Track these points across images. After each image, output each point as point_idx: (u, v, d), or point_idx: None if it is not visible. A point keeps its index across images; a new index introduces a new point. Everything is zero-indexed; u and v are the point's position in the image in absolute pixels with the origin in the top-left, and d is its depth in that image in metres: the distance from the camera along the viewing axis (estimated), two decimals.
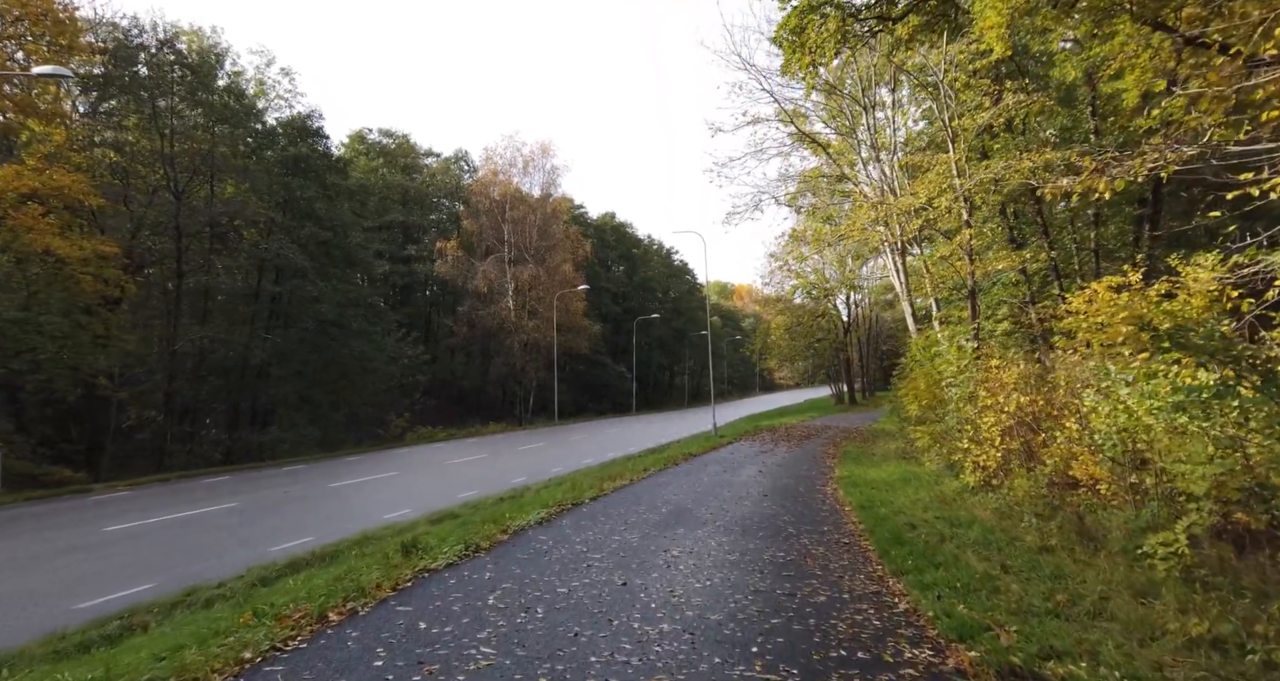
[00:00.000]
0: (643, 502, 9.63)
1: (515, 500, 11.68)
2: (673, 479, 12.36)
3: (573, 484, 11.59)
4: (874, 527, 7.87)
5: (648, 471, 13.11)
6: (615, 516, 8.62)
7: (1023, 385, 10.40)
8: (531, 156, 44.19)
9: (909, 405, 16.37)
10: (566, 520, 8.50)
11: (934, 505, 9.86)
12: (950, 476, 12.10)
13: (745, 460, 16.29)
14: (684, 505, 9.42)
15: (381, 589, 5.59)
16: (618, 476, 12.23)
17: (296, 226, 23.73)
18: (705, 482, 11.86)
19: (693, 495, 10.32)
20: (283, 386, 23.75)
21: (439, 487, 14.78)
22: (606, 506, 9.30)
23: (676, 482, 11.83)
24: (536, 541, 7.45)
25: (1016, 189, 22.93)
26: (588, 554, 6.79)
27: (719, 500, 9.86)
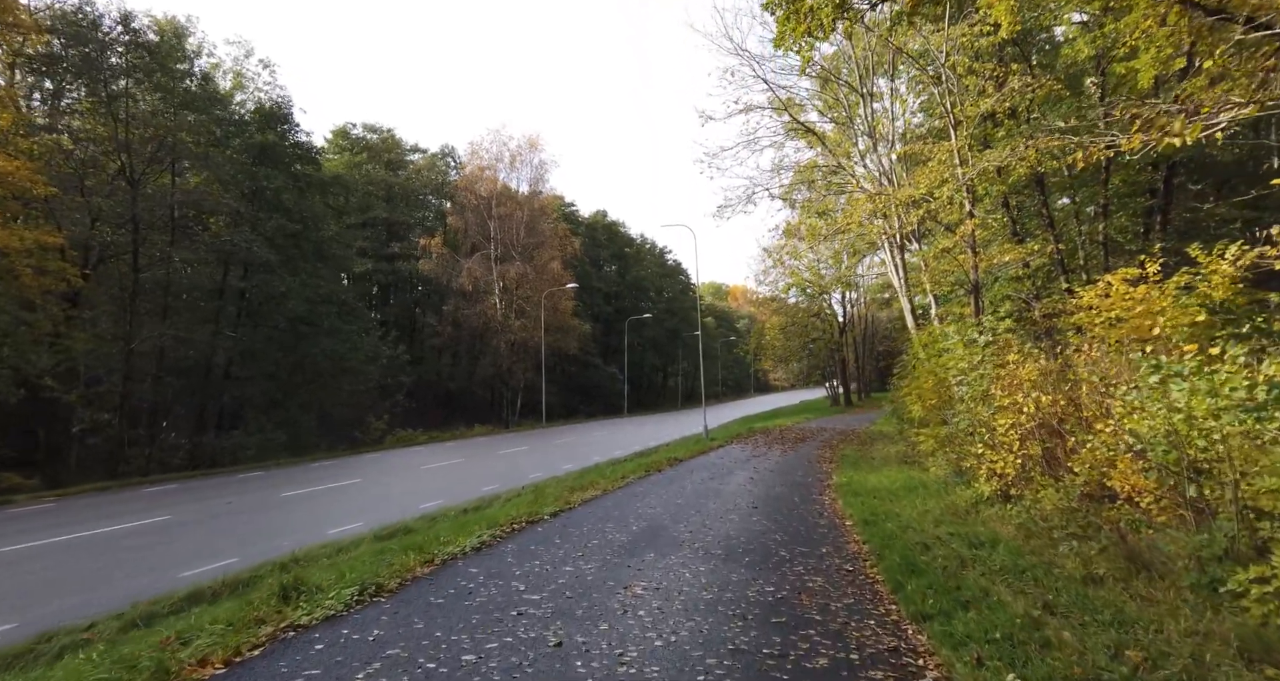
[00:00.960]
0: (612, 518, 8.45)
1: (478, 511, 10.49)
2: (652, 488, 11.16)
3: (536, 495, 10.36)
4: (881, 549, 6.69)
5: (625, 479, 11.89)
6: (574, 538, 7.41)
7: (1043, 382, 9.25)
8: (519, 151, 42.99)
9: (911, 406, 15.23)
10: (512, 545, 7.20)
11: (946, 519, 8.70)
12: (960, 484, 10.95)
13: (736, 465, 15.12)
14: (660, 521, 8.23)
15: (209, 664, 4.11)
16: (590, 485, 11.01)
17: (263, 218, 22.40)
18: (689, 492, 10.66)
19: (672, 508, 9.12)
20: (249, 388, 22.43)
21: (402, 496, 13.56)
22: (568, 524, 8.10)
23: (656, 492, 10.63)
24: (464, 576, 6.07)
25: (1020, 180, 21.97)
26: (523, 595, 5.44)
27: (702, 514, 8.67)
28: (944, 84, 19.47)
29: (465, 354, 44.37)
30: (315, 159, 25.51)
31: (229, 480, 16.67)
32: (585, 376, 57.10)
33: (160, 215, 21.08)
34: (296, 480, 16.22)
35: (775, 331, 46.02)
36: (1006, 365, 9.48)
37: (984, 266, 20.07)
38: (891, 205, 21.28)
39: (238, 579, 7.07)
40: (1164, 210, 20.19)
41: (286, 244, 23.25)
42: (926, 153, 20.28)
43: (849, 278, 38.88)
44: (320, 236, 24.88)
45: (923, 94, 26.38)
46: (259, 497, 13.55)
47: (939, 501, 10.02)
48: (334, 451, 24.33)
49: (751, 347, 50.32)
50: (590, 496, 9.93)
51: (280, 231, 22.57)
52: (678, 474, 13.16)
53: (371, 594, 5.46)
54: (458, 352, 45.17)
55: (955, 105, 19.36)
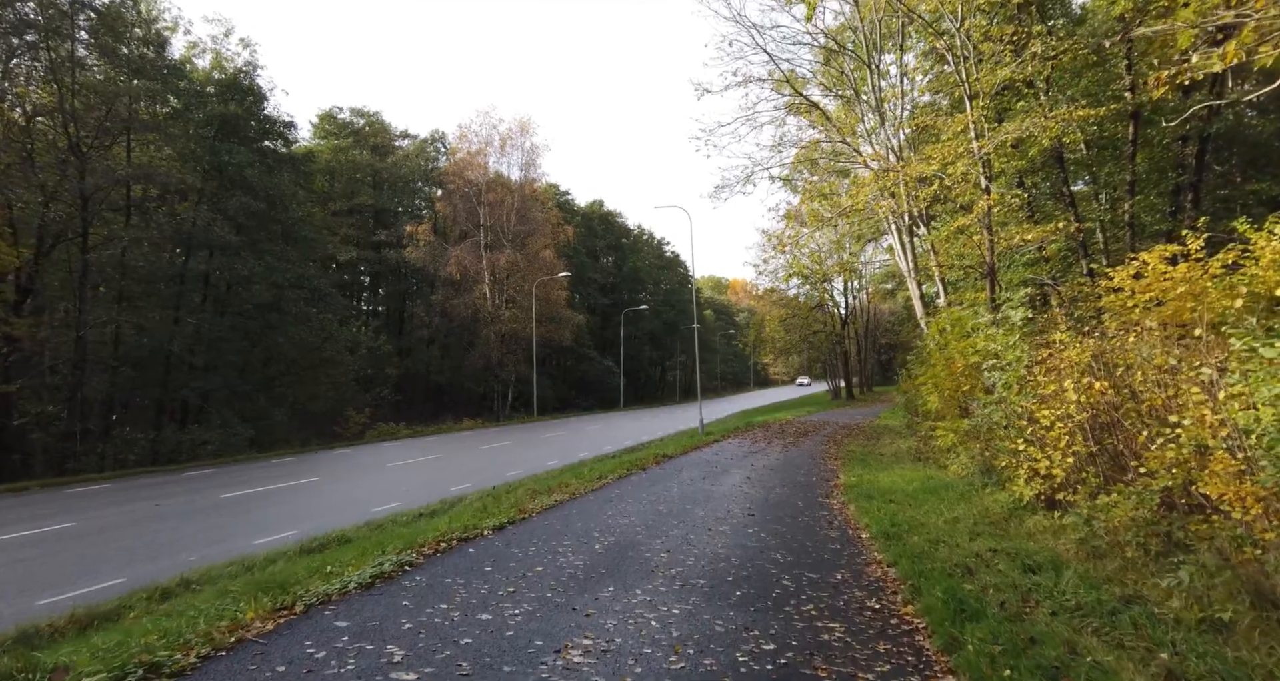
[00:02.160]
0: (572, 533, 6.92)
1: (432, 518, 8.99)
2: (632, 490, 9.65)
3: (492, 501, 8.80)
4: (913, 576, 5.17)
5: (602, 480, 10.35)
6: (513, 564, 5.69)
7: (1097, 367, 7.73)
8: (509, 134, 41.27)
9: (927, 397, 13.70)
10: (423, 576, 5.33)
11: (983, 530, 7.19)
12: (991, 486, 9.45)
13: (732, 463, 13.62)
14: (632, 536, 6.71)
15: None
16: (559, 487, 9.47)
17: (224, 195, 20.80)
18: (674, 496, 9.14)
19: (651, 517, 7.62)
20: (211, 379, 20.90)
21: (358, 498, 12.08)
22: (512, 542, 6.51)
23: (636, 496, 9.12)
24: (320, 635, 4.12)
25: (1038, 157, 20.56)
26: (391, 675, 3.55)
27: (686, 525, 7.15)
28: (958, 51, 17.98)
29: (454, 345, 42.83)
30: (284, 134, 23.94)
31: (174, 478, 15.17)
32: (580, 369, 55.60)
33: (115, 193, 19.51)
34: (248, 479, 14.73)
35: (775, 324, 44.49)
36: (1051, 345, 7.96)
37: (1001, 246, 18.55)
38: (901, 183, 19.79)
39: (93, 612, 5.55)
40: (1195, 187, 18.69)
41: (250, 224, 21.61)
42: (939, 127, 18.72)
43: (853, 264, 37.26)
44: (290, 217, 23.25)
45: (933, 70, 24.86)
46: (195, 499, 12.04)
47: (968, 507, 8.52)
48: (304, 447, 22.82)
49: (750, 340, 48.77)
50: (554, 502, 8.42)
51: (243, 210, 20.93)
52: (664, 473, 11.65)
53: (159, 674, 3.49)
54: (446, 344, 43.62)
55: (970, 74, 17.87)
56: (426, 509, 10.15)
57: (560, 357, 53.83)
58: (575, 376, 55.28)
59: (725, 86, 22.89)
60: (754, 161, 27.22)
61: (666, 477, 11.02)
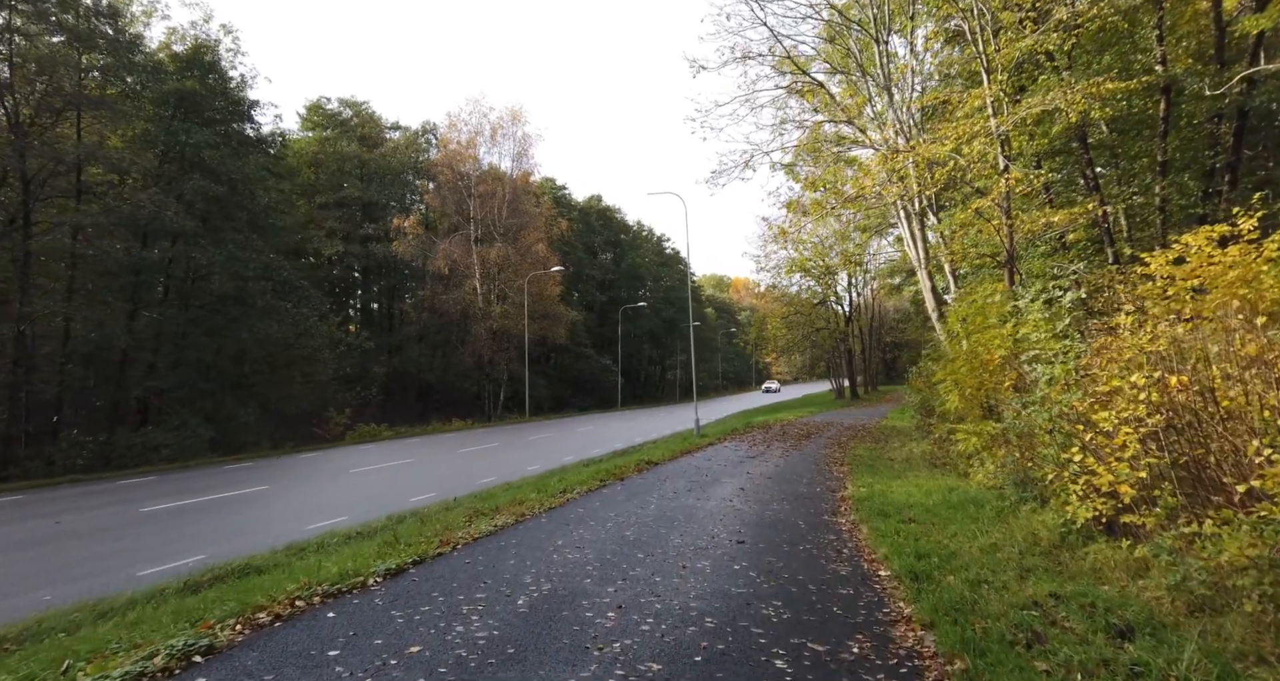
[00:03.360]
0: (496, 577, 5.23)
1: (346, 544, 7.50)
2: (600, 508, 8.11)
3: (402, 531, 7.13)
4: (961, 647, 3.64)
5: (566, 494, 8.76)
6: (384, 637, 3.94)
7: (1175, 358, 6.22)
8: (500, 123, 39.74)
9: (946, 395, 12.15)
10: (224, 670, 3.57)
11: (1035, 564, 5.66)
12: (1029, 501, 7.91)
13: (725, 470, 12.09)
14: (576, 581, 5.10)
15: None
16: (508, 507, 7.83)
17: (179, 178, 19.27)
18: (649, 516, 7.59)
19: (611, 548, 6.07)
20: (166, 377, 19.40)
21: (301, 510, 10.61)
22: (403, 595, 4.76)
23: (601, 516, 7.57)
24: None
25: (1058, 139, 19.08)
26: None
27: (654, 561, 5.60)
28: (975, 21, 16.54)
29: (443, 343, 41.33)
30: (251, 114, 22.44)
31: (107, 487, 13.70)
32: (577, 368, 54.06)
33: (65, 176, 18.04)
34: (189, 487, 13.25)
35: (777, 321, 42.94)
36: (1116, 330, 6.44)
37: (1023, 232, 17.00)
38: (910, 165, 18.27)
39: None
40: (1233, 168, 17.15)
41: (211, 210, 20.08)
42: (954, 103, 17.14)
43: (858, 256, 35.63)
44: (256, 204, 21.71)
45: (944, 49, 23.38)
46: (110, 514, 10.54)
47: (1006, 529, 7.01)
48: (270, 450, 21.36)
49: (751, 338, 47.21)
50: (494, 527, 6.86)
51: (201, 195, 19.41)
52: (645, 484, 10.11)
53: None
54: (436, 342, 42.13)
55: (988, 46, 16.46)
56: (367, 526, 8.66)
57: (557, 356, 52.35)
58: (572, 375, 53.75)
59: (723, 63, 21.38)
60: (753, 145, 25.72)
61: (646, 490, 9.48)
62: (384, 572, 4.99)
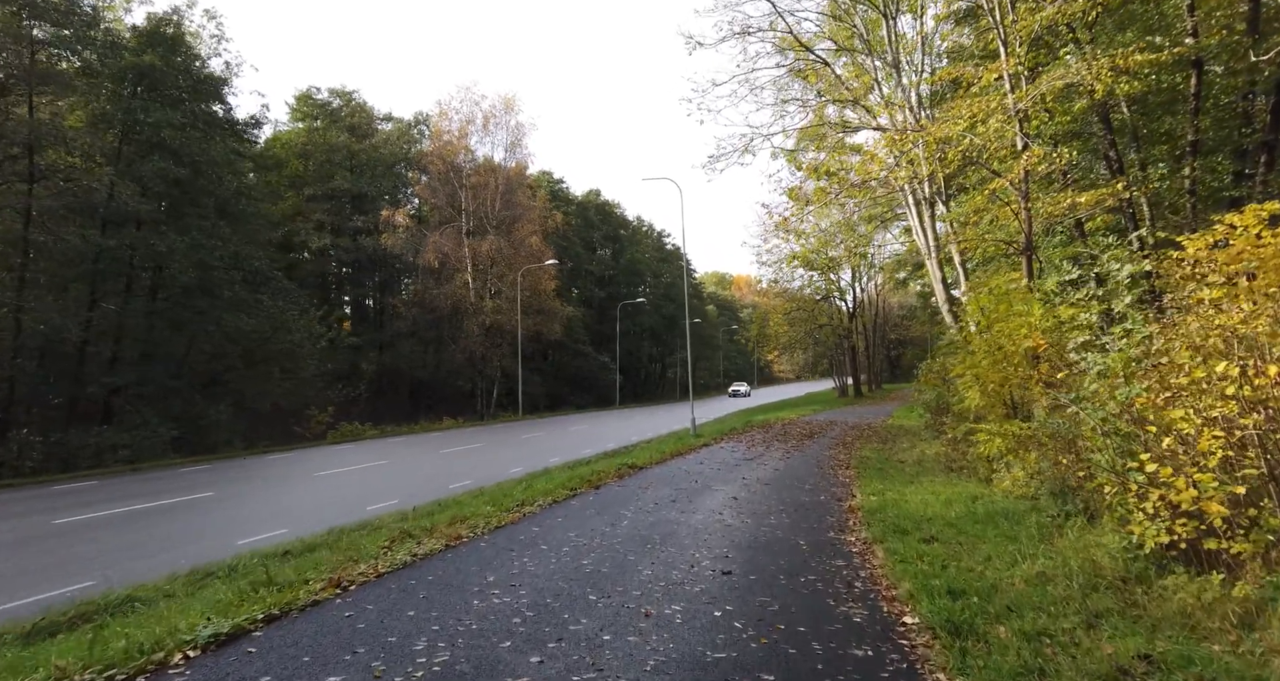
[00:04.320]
0: (385, 634, 3.87)
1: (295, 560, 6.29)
2: (560, 525, 6.79)
3: (303, 564, 5.82)
4: None
5: (525, 507, 7.42)
6: None
7: (1266, 345, 4.96)
8: (492, 112, 38.43)
9: (965, 391, 10.88)
10: None
11: (1106, 607, 4.38)
12: (1075, 516, 6.66)
13: (718, 475, 10.84)
14: (487, 649, 3.62)
15: None
16: (446, 527, 6.51)
17: (137, 160, 18.03)
18: (618, 536, 6.32)
19: (557, 586, 4.72)
20: (125, 373, 18.19)
21: (238, 521, 9.41)
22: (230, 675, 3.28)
23: (558, 537, 6.30)
24: None
25: (1081, 115, 17.88)
26: None
27: (611, 605, 4.32)
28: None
29: (435, 339, 40.11)
30: (218, 92, 21.13)
31: (40, 492, 12.48)
32: (575, 365, 52.83)
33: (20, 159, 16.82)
34: (127, 494, 12.03)
35: (779, 317, 41.66)
36: (1199, 306, 5.16)
37: (1044, 216, 15.76)
38: (920, 148, 16.98)
39: None
40: (1270, 147, 15.85)
41: (172, 194, 18.84)
42: (968, 78, 15.83)
43: (863, 247, 34.26)
44: (225, 190, 20.44)
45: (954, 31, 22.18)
46: (12, 526, 9.30)
47: (1052, 552, 5.76)
48: (243, 450, 20.19)
49: (753, 335, 45.92)
50: (416, 555, 5.55)
51: (160, 177, 18.16)
52: (623, 493, 8.85)
53: None
54: (427, 338, 40.91)
55: (1006, 17, 15.22)
56: (300, 544, 7.43)
57: (554, 353, 51.13)
58: (569, 373, 52.53)
59: (720, 39, 20.08)
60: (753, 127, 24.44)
61: (622, 500, 8.21)
62: (204, 642, 3.57)
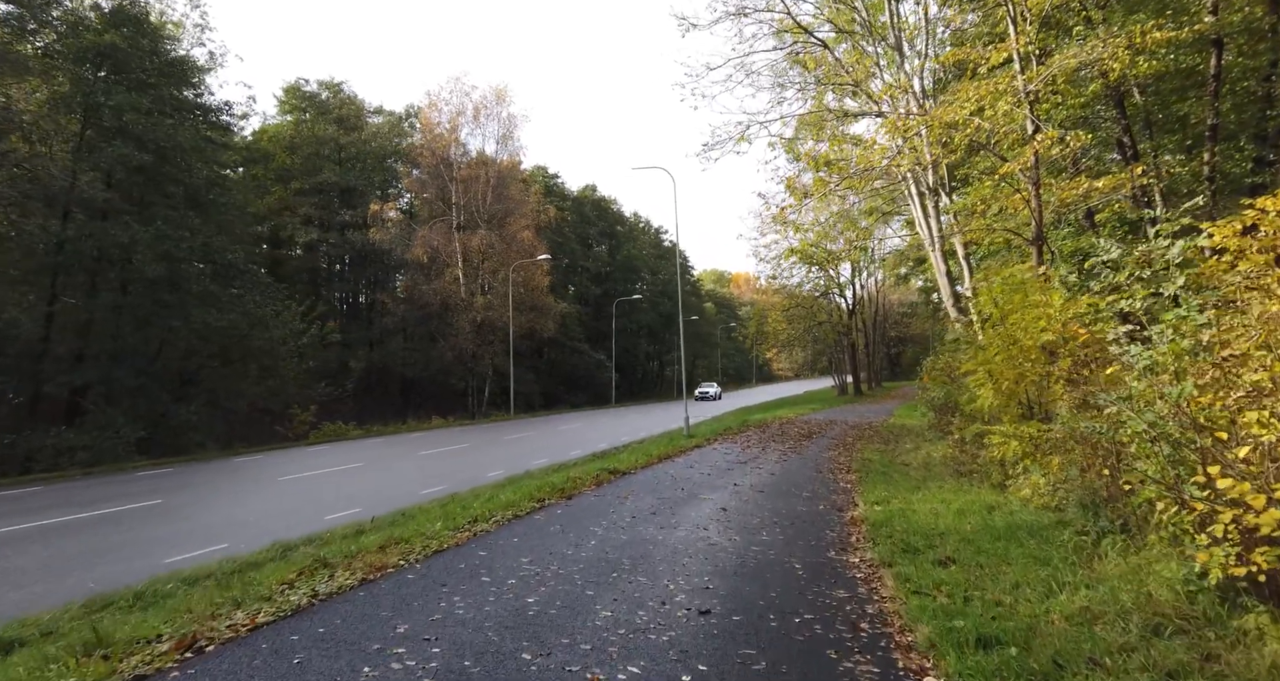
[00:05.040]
0: None
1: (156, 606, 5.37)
2: (514, 548, 5.81)
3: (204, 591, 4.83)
4: None
5: (476, 526, 6.44)
6: None
7: None
8: (483, 103, 37.43)
9: (978, 389, 9.97)
10: None
11: (1180, 663, 3.49)
12: (1112, 534, 5.76)
13: (708, 480, 9.94)
14: None
15: None
16: (391, 543, 5.66)
17: (100, 145, 17.04)
18: (580, 561, 5.38)
19: (485, 638, 3.76)
20: (84, 371, 17.22)
21: (173, 536, 8.49)
22: None
23: (507, 564, 5.37)
24: None
25: (1093, 99, 17.04)
26: None
27: (549, 668, 3.40)
28: None
29: (426, 336, 39.18)
30: (186, 76, 20.10)
31: None
32: (571, 363, 51.91)
33: None
34: (63, 502, 11.11)
35: (777, 314, 40.79)
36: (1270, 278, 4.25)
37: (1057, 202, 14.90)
38: (924, 133, 16.10)
39: None
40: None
41: (141, 183, 17.81)
42: (975, 60, 14.91)
43: (864, 241, 33.30)
44: (195, 178, 19.42)
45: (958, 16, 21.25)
46: None
47: (1093, 579, 4.86)
48: (216, 451, 19.26)
49: (750, 332, 45.04)
50: (318, 595, 4.56)
51: (122, 163, 17.18)
52: (598, 503, 7.93)
53: None
54: (419, 335, 39.98)
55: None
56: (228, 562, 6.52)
57: (549, 350, 50.21)
58: (564, 371, 51.61)
59: (715, 20, 19.15)
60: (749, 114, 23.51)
61: (596, 513, 7.30)
62: None
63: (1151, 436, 5.10)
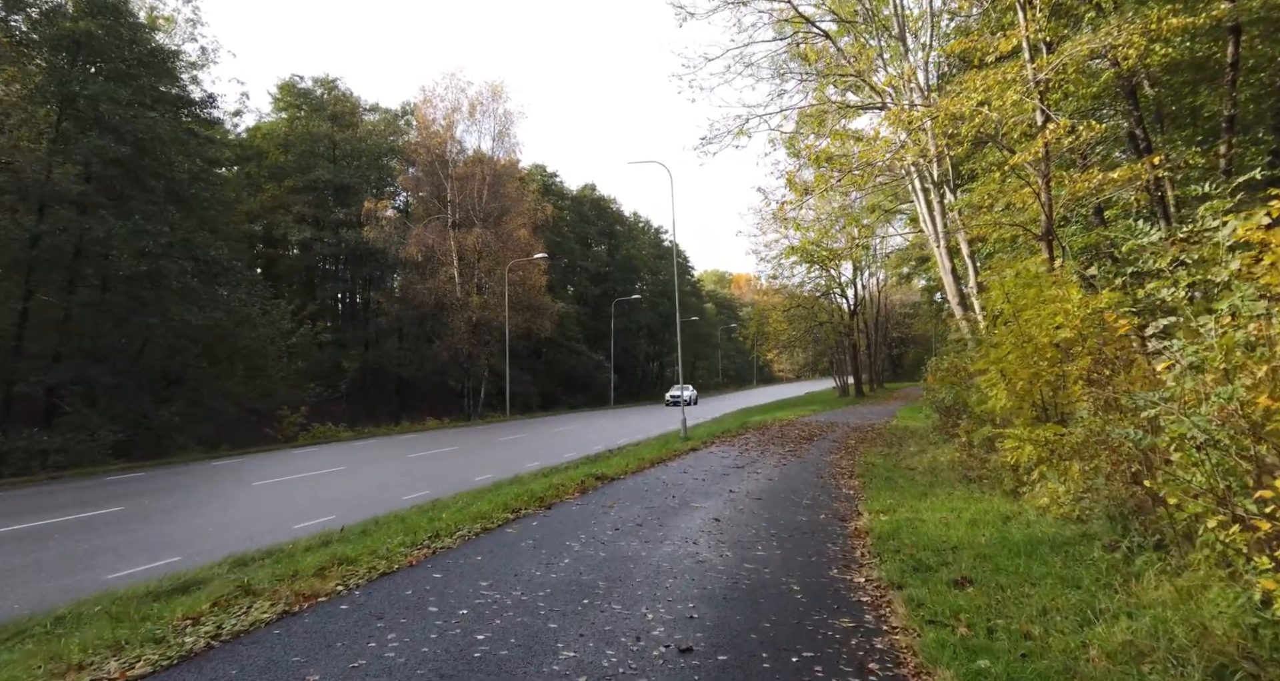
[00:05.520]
0: None
1: None
2: (475, 568, 5.19)
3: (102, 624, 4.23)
4: None
5: (436, 543, 5.74)
6: None
7: None
8: (479, 99, 36.81)
9: (989, 390, 9.34)
10: None
11: None
12: (1143, 549, 5.17)
13: (702, 487, 9.33)
14: None
15: None
16: (332, 564, 5.03)
17: (76, 136, 16.43)
18: (548, 586, 4.77)
19: None
20: (58, 370, 16.61)
21: (123, 548, 7.90)
22: None
23: (462, 591, 4.73)
24: None
25: (1104, 89, 16.50)
26: None
27: None
28: None
29: (422, 336, 38.59)
30: (167, 66, 19.49)
31: None
32: (569, 364, 51.26)
33: None
34: (19, 510, 10.51)
35: (778, 314, 40.17)
36: None
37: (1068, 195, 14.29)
38: (928, 125, 15.51)
39: None
40: None
41: (114, 175, 17.23)
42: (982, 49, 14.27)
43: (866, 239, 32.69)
44: (175, 172, 18.77)
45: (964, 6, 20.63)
46: None
47: (1132, 605, 4.26)
48: (199, 454, 18.68)
49: (751, 333, 44.41)
50: (239, 628, 3.93)
51: (98, 155, 16.58)
52: (580, 513, 7.31)
53: None
54: (415, 335, 39.38)
55: None
56: (155, 586, 5.93)
57: (547, 350, 49.58)
58: (563, 371, 50.97)
59: (713, 9, 18.55)
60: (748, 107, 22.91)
61: (575, 525, 6.68)
62: None
63: (1199, 442, 4.50)
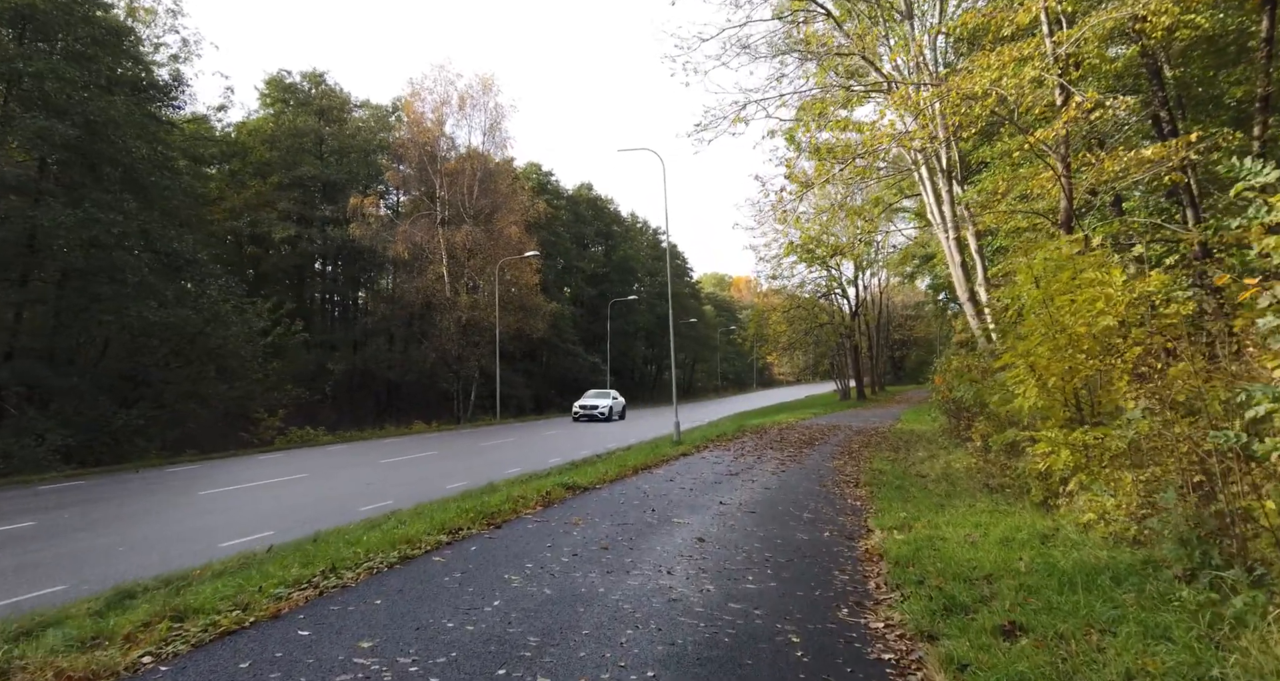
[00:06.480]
0: None
1: None
2: (375, 614, 3.93)
3: None
4: None
5: (335, 575, 4.48)
6: None
7: None
8: (469, 92, 35.75)
9: (1018, 387, 8.15)
10: None
11: None
12: (1239, 585, 4.01)
13: (687, 498, 8.17)
14: None
15: None
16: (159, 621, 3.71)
17: (16, 115, 15.28)
18: (462, 639, 3.60)
19: None
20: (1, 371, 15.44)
21: (14, 572, 6.76)
22: None
23: (327, 651, 3.52)
24: None
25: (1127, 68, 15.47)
26: None
27: None
28: None
29: (410, 337, 37.48)
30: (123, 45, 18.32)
31: None
32: (564, 366, 50.19)
33: None
34: None
35: (778, 316, 39.12)
36: None
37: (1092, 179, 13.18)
38: (936, 107, 14.42)
39: None
40: None
41: (72, 159, 15.94)
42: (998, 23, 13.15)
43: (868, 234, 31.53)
44: (130, 157, 17.59)
45: None
46: None
47: (1249, 672, 3.07)
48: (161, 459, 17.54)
49: (750, 335, 43.37)
50: None
51: (44, 138, 15.41)
52: (535, 533, 6.13)
53: None
54: (403, 336, 38.28)
55: None
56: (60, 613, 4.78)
57: (542, 352, 48.46)
58: (557, 373, 49.88)
59: None
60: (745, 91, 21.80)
61: (523, 550, 5.48)
62: None
63: None
